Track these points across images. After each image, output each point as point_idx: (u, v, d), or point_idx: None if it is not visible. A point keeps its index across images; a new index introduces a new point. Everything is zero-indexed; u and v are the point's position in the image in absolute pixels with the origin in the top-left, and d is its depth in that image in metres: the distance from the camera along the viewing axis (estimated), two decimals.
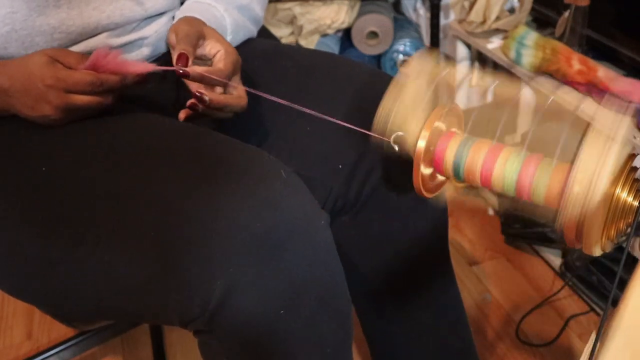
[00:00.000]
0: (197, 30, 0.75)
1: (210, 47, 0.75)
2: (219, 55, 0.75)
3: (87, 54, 0.77)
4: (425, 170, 0.60)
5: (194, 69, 0.71)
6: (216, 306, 0.59)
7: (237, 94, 0.75)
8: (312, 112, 0.68)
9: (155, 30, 0.84)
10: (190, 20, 0.77)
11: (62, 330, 1.31)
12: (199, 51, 0.75)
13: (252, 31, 0.93)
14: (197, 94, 0.70)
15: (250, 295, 0.60)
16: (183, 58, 0.70)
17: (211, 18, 0.82)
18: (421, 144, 0.57)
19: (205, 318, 0.60)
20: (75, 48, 0.77)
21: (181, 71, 0.70)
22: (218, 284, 0.59)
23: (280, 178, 0.63)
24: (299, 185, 0.66)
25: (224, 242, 0.59)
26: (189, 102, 0.71)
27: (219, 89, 0.75)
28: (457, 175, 0.59)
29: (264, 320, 0.61)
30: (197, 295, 0.59)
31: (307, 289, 0.63)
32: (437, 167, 0.60)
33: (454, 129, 0.62)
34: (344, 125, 0.67)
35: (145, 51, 0.83)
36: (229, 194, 0.60)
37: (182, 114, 0.72)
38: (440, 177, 0.63)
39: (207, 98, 0.70)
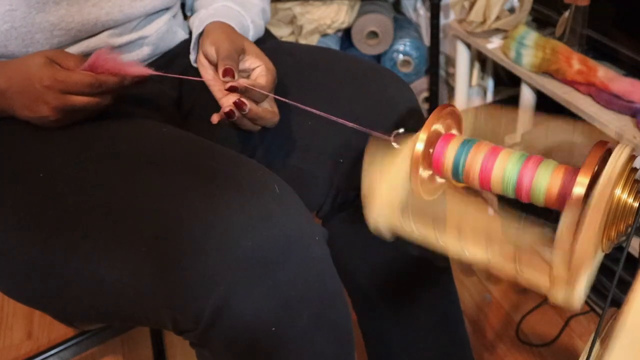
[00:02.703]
0: (239, 46, 0.75)
1: (250, 62, 0.75)
2: (259, 70, 0.75)
3: (87, 55, 0.77)
4: (424, 173, 0.60)
5: (241, 82, 0.70)
6: (208, 322, 0.59)
7: (272, 110, 0.74)
8: (322, 114, 0.68)
9: (156, 30, 0.83)
10: (230, 36, 0.77)
11: (62, 330, 1.31)
12: (240, 65, 0.75)
13: (263, 30, 0.94)
14: (237, 101, 0.69)
15: (242, 312, 0.59)
16: (229, 72, 0.70)
17: (239, 26, 0.82)
18: (419, 146, 0.57)
19: (199, 332, 0.61)
20: (76, 47, 0.77)
21: (231, 84, 0.69)
22: (210, 301, 0.58)
23: (273, 194, 0.63)
24: (292, 200, 0.65)
25: (217, 259, 0.58)
26: (227, 109, 0.70)
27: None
28: (456, 177, 0.59)
29: (257, 336, 0.61)
30: (189, 311, 0.59)
31: (300, 306, 0.63)
32: (436, 169, 0.60)
33: (452, 131, 0.62)
34: (347, 119, 0.67)
35: (145, 50, 0.83)
36: (223, 209, 0.60)
37: (215, 118, 0.71)
38: (439, 179, 0.63)
39: (247, 108, 0.70)
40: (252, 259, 0.59)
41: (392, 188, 0.59)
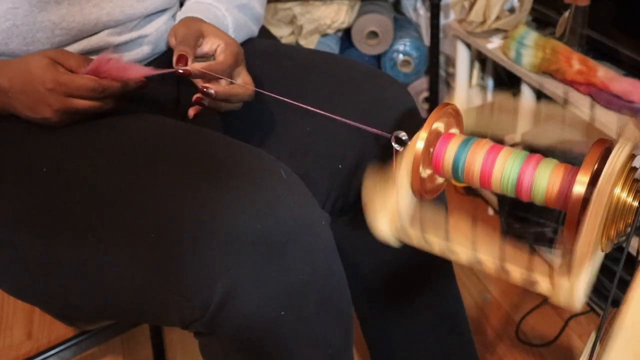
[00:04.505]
0: (195, 30, 0.74)
1: (210, 44, 0.75)
2: (219, 49, 0.75)
3: (88, 53, 0.77)
4: (424, 172, 0.60)
5: (194, 66, 0.71)
6: (216, 308, 0.59)
7: (244, 84, 0.75)
8: (317, 111, 0.68)
9: (156, 29, 0.84)
10: (188, 22, 0.77)
11: (62, 330, 1.31)
12: (200, 50, 0.75)
13: (253, 30, 0.93)
14: (202, 88, 0.70)
15: (250, 297, 0.60)
16: (182, 59, 0.71)
17: (213, 18, 0.82)
18: (419, 146, 0.57)
19: (206, 320, 0.60)
20: (77, 46, 0.77)
21: (181, 71, 0.70)
22: (218, 286, 0.59)
23: (280, 178, 0.63)
24: (298, 185, 0.65)
25: (223, 244, 0.58)
26: (195, 97, 0.71)
27: (223, 81, 0.75)
28: (456, 176, 0.59)
29: (264, 322, 0.61)
30: (197, 298, 0.59)
31: (307, 290, 0.63)
32: (436, 168, 0.60)
33: (453, 130, 0.62)
34: (346, 123, 0.67)
35: (145, 49, 0.83)
36: (229, 195, 0.60)
37: (191, 111, 0.72)
38: (439, 179, 0.63)
39: (212, 91, 0.70)
40: (259, 244, 0.59)
41: (395, 199, 0.59)
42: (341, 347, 0.69)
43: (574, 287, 0.50)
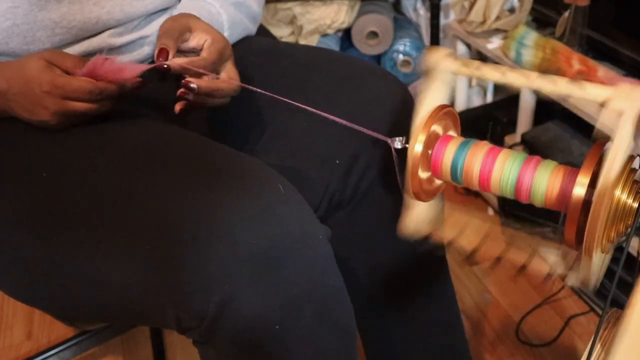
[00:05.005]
0: (181, 24, 0.74)
1: (197, 39, 0.75)
2: (205, 44, 0.75)
3: (89, 55, 0.77)
4: (423, 174, 0.60)
5: (174, 61, 0.70)
6: (213, 319, 0.59)
7: (228, 78, 0.75)
8: (310, 109, 0.68)
9: (156, 29, 0.84)
10: (176, 16, 0.77)
11: (62, 330, 1.31)
12: (186, 45, 0.75)
13: (250, 29, 0.93)
14: (184, 82, 0.70)
15: (246, 309, 0.59)
16: (163, 53, 0.70)
17: (207, 15, 0.82)
18: (418, 148, 0.57)
19: (202, 329, 0.60)
20: (78, 47, 0.77)
21: (165, 66, 0.70)
22: (215, 298, 0.58)
23: (278, 192, 0.63)
24: (297, 199, 0.65)
25: (221, 257, 0.58)
26: (178, 92, 0.71)
27: (207, 76, 0.74)
28: (455, 178, 0.59)
29: (260, 334, 0.61)
30: (194, 308, 0.59)
31: (304, 304, 0.63)
32: (435, 171, 0.60)
33: (450, 132, 0.62)
34: (342, 123, 0.67)
35: (146, 50, 0.83)
36: (227, 207, 0.60)
37: (177, 106, 0.72)
38: (438, 181, 0.63)
39: (194, 86, 0.70)
40: (256, 257, 0.59)
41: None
42: (342, 358, 0.69)
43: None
